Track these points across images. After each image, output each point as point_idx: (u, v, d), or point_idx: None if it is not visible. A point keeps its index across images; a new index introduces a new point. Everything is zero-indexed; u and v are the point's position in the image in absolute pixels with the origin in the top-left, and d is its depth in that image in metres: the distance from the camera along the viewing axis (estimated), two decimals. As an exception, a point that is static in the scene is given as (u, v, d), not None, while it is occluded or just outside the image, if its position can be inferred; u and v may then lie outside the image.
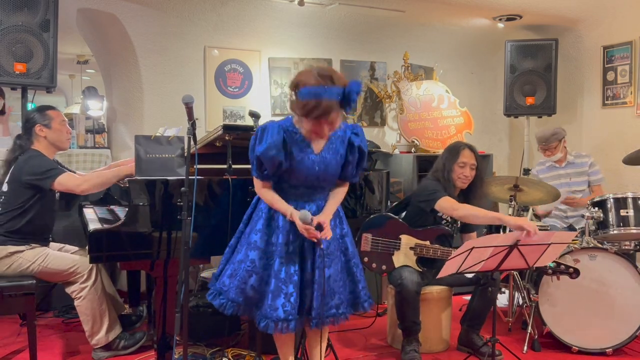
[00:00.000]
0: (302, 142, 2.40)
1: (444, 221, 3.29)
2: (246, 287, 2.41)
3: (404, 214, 3.40)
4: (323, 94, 2.21)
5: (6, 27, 3.52)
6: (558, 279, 3.11)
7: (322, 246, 2.34)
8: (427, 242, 3.20)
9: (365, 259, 3.23)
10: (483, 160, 3.41)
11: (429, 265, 3.22)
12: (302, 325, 2.45)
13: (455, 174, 3.21)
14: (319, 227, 2.33)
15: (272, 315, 2.34)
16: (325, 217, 2.41)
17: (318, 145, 2.43)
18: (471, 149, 3.26)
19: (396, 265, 3.20)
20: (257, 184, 2.48)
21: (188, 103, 2.43)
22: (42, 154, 3.13)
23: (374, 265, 3.24)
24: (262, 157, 2.37)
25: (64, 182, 3.03)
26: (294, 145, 2.39)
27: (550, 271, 3.06)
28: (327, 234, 2.35)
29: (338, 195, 2.53)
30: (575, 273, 3.06)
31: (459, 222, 3.32)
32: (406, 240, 3.22)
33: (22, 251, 3.02)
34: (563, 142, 4.24)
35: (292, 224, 2.39)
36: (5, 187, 3.10)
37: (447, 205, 3.09)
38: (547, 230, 3.71)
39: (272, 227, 2.46)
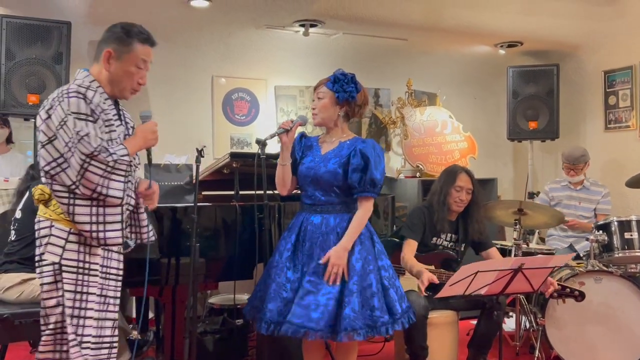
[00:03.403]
0: (313, 147, 2.68)
1: (442, 246, 3.30)
2: (258, 291, 2.61)
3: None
4: None
5: (20, 60, 3.64)
6: (564, 302, 3.11)
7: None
8: (432, 267, 3.21)
9: None
10: (485, 185, 3.46)
11: (434, 290, 3.23)
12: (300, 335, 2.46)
13: (452, 198, 3.23)
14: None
15: (265, 317, 2.45)
16: (345, 242, 2.49)
17: (325, 149, 2.66)
18: (468, 173, 3.28)
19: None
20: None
21: (144, 117, 2.27)
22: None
23: None
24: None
25: None
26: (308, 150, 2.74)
27: (555, 294, 3.06)
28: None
29: (355, 219, 2.55)
30: (580, 296, 3.06)
31: (462, 246, 3.35)
32: None
33: (35, 278, 3.06)
34: (587, 166, 4.29)
35: (299, 234, 2.58)
36: (19, 214, 3.17)
37: (405, 249, 3.18)
38: (552, 254, 3.73)
39: (286, 238, 2.63)
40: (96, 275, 2.05)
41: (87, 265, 2.03)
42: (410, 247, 3.19)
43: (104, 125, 2.04)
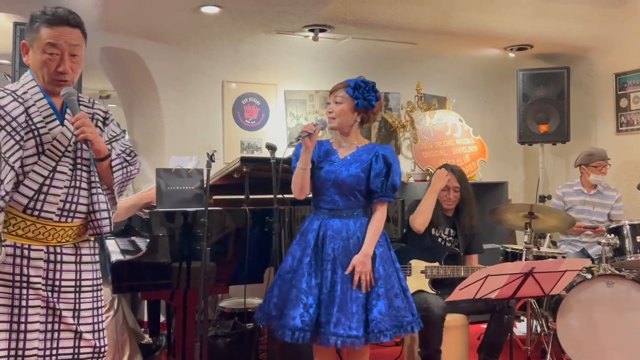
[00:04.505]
0: (330, 151, 2.69)
1: (441, 239, 3.38)
2: (272, 297, 2.58)
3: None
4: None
5: (34, 67, 3.69)
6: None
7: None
8: (437, 263, 3.26)
9: None
10: (495, 189, 3.50)
11: (441, 287, 3.26)
12: (319, 340, 2.49)
13: (440, 197, 3.37)
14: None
15: (289, 324, 2.43)
16: (367, 248, 2.53)
17: (343, 154, 2.67)
18: (455, 172, 3.40)
19: (410, 291, 3.23)
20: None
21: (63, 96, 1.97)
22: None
23: None
24: None
25: None
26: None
27: None
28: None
29: (374, 223, 2.61)
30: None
31: (462, 240, 3.38)
32: (416, 264, 3.28)
33: None
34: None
35: (317, 239, 2.56)
36: None
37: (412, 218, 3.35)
38: (563, 258, 3.71)
39: (303, 242, 2.61)
40: (38, 288, 1.89)
41: (24, 278, 1.87)
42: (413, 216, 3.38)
43: (15, 133, 1.81)
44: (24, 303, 1.87)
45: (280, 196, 3.00)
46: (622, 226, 3.58)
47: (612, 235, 3.53)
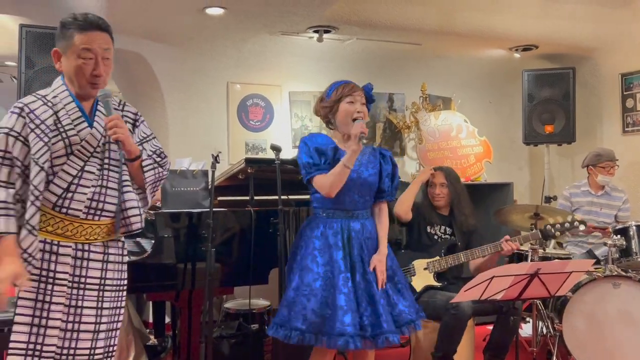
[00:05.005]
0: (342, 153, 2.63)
1: (437, 236, 3.41)
2: (307, 313, 2.42)
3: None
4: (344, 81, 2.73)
5: (40, 69, 3.70)
6: (571, 235, 3.19)
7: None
8: (437, 258, 3.30)
9: None
10: (501, 189, 3.51)
11: (444, 279, 3.30)
12: (368, 343, 2.47)
13: (430, 194, 3.48)
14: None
15: (347, 332, 2.37)
16: (384, 247, 2.60)
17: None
18: (443, 170, 3.51)
19: (417, 289, 3.27)
20: None
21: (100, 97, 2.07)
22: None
23: None
24: None
25: None
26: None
27: (558, 233, 3.18)
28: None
29: (384, 222, 2.68)
30: (582, 224, 3.17)
31: (459, 238, 3.39)
32: (418, 264, 3.32)
33: None
34: None
35: (343, 241, 2.53)
36: None
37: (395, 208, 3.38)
38: (569, 259, 3.70)
39: (324, 247, 2.53)
40: (63, 285, 1.95)
41: (50, 274, 1.94)
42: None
43: (45, 136, 1.92)
44: (47, 299, 1.93)
45: (284, 197, 3.00)
46: (629, 227, 3.56)
47: (619, 236, 3.52)
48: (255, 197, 3.18)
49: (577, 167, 4.65)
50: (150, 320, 3.98)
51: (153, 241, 2.90)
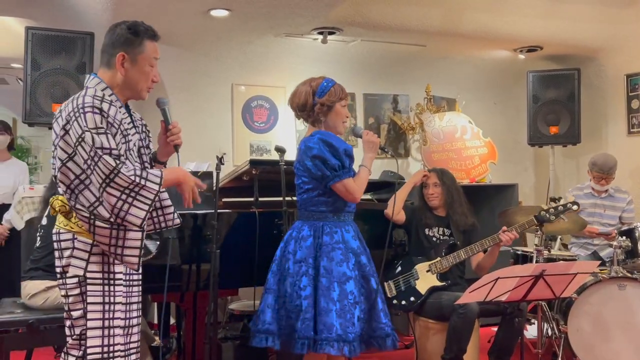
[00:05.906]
0: None
1: (435, 238, 3.42)
2: (355, 321, 2.45)
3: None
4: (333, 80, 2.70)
5: (45, 71, 3.72)
6: (564, 218, 3.24)
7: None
8: (438, 259, 3.32)
9: (395, 301, 3.32)
10: (505, 191, 3.51)
11: (447, 278, 3.31)
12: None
13: (424, 195, 3.50)
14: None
15: (385, 331, 2.47)
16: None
17: None
18: (436, 171, 3.51)
19: (423, 292, 3.27)
20: None
21: (161, 103, 2.28)
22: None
23: (403, 302, 3.31)
24: None
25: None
26: None
27: (552, 217, 3.19)
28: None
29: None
30: (575, 204, 3.23)
31: (458, 238, 3.39)
32: (420, 267, 3.33)
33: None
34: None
35: (359, 244, 2.58)
36: (44, 221, 3.23)
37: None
38: (574, 260, 3.68)
39: (349, 253, 2.53)
40: (120, 284, 2.04)
41: (111, 276, 2.02)
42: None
43: (122, 137, 2.01)
44: (112, 299, 2.00)
45: (289, 198, 3.01)
46: (634, 228, 3.55)
47: (624, 237, 3.50)
48: (260, 199, 3.18)
49: (582, 168, 4.64)
50: (155, 321, 3.99)
51: (158, 242, 2.90)
